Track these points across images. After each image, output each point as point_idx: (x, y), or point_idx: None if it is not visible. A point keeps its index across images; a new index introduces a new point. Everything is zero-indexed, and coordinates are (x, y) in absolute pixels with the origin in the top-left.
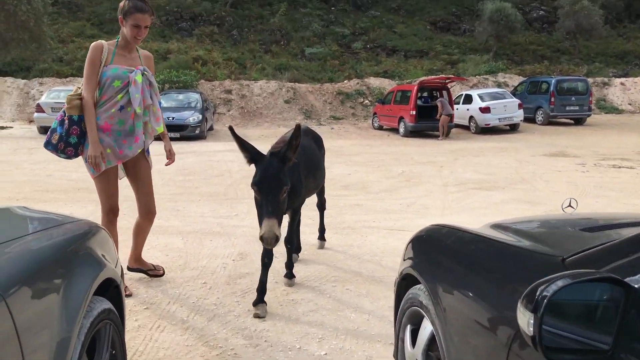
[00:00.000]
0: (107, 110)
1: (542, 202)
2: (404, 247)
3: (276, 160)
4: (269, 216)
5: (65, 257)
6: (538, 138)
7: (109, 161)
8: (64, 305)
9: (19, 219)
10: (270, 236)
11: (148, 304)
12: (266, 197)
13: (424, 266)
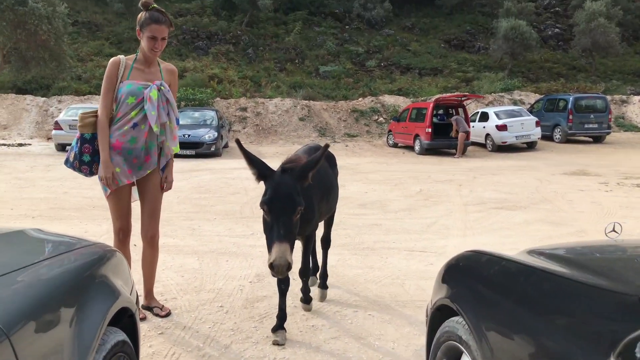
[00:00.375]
0: (120, 127)
1: (567, 223)
2: (437, 274)
3: (289, 178)
4: (280, 240)
5: (77, 287)
6: (557, 156)
7: (119, 180)
8: (75, 340)
9: (29, 244)
10: (281, 263)
11: (163, 329)
12: (277, 218)
13: (463, 298)
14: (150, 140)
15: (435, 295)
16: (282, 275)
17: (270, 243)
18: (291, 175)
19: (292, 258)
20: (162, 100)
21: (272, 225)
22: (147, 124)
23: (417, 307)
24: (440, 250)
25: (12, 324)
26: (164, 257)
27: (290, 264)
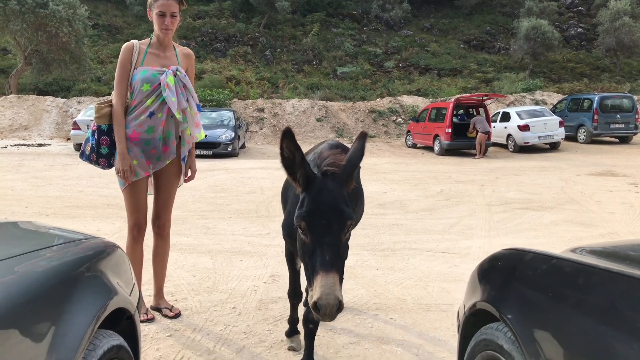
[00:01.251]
0: (136, 117)
1: (598, 224)
2: (471, 274)
3: (334, 182)
4: (327, 269)
5: (64, 282)
6: (581, 157)
7: (136, 173)
8: (56, 342)
9: (17, 237)
10: (330, 302)
11: (172, 331)
12: (321, 239)
13: (505, 302)
14: (167, 130)
15: (469, 298)
16: (330, 318)
17: (313, 273)
18: (335, 179)
19: (342, 294)
20: (179, 86)
21: (314, 248)
22: (165, 112)
23: (441, 310)
24: (464, 251)
25: None
26: (176, 255)
27: (341, 303)
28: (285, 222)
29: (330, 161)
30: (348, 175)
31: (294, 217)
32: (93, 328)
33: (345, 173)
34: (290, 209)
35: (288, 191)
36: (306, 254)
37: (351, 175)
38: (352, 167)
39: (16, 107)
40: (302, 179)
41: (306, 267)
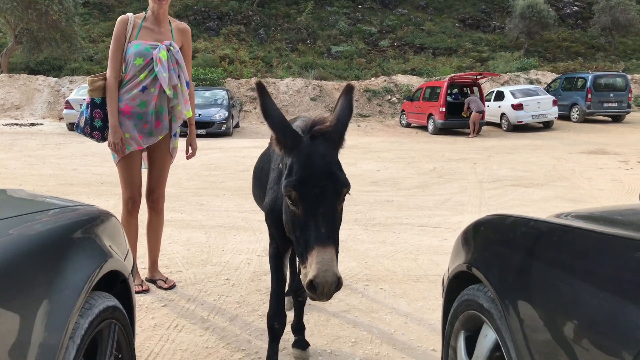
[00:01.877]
0: (129, 90)
1: (587, 200)
2: (455, 241)
3: (325, 145)
4: (323, 243)
5: (58, 244)
6: (574, 136)
7: (128, 146)
8: (51, 301)
9: (6, 200)
10: (328, 279)
11: (166, 301)
12: (314, 209)
13: (486, 263)
14: (160, 105)
15: (452, 262)
16: (328, 297)
17: (307, 249)
18: (326, 140)
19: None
20: (172, 61)
21: (307, 220)
22: (157, 87)
23: (431, 281)
24: (454, 226)
25: None
26: (170, 231)
27: (340, 280)
28: (272, 204)
29: (318, 120)
30: (339, 135)
31: (282, 186)
32: (88, 288)
33: (336, 133)
34: (275, 187)
35: (262, 172)
36: (297, 228)
37: (343, 135)
38: (343, 125)
39: (7, 87)
40: (290, 139)
41: (297, 243)
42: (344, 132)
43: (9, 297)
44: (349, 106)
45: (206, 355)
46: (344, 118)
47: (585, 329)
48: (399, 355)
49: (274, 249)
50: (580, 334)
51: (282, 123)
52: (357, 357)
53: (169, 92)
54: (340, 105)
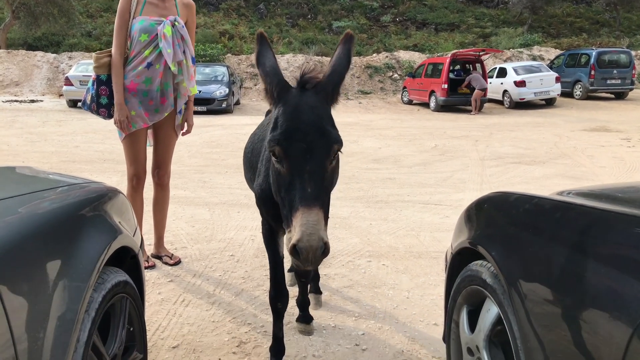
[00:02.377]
0: (134, 67)
1: (588, 178)
2: (458, 218)
3: (316, 98)
4: (309, 204)
5: (71, 222)
6: (576, 113)
7: (134, 124)
8: (68, 276)
9: (19, 178)
10: (313, 244)
11: (172, 277)
12: (301, 167)
13: (489, 240)
14: (165, 81)
15: (456, 239)
16: (314, 264)
17: (291, 211)
18: (318, 92)
19: (327, 234)
20: (176, 37)
21: (292, 179)
22: (162, 63)
23: (432, 257)
24: (456, 203)
25: None
26: (174, 208)
27: (327, 245)
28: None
29: (309, 70)
30: (334, 87)
31: (266, 141)
32: (101, 263)
33: (330, 85)
34: (267, 164)
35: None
36: (282, 188)
37: (337, 88)
38: (338, 77)
39: (6, 63)
40: (277, 88)
41: (282, 204)
42: (339, 84)
43: (28, 273)
44: (347, 57)
45: (213, 329)
46: (340, 69)
47: (587, 305)
48: (401, 329)
49: (267, 229)
50: (582, 309)
51: (272, 72)
52: (361, 331)
53: (174, 69)
54: (337, 56)
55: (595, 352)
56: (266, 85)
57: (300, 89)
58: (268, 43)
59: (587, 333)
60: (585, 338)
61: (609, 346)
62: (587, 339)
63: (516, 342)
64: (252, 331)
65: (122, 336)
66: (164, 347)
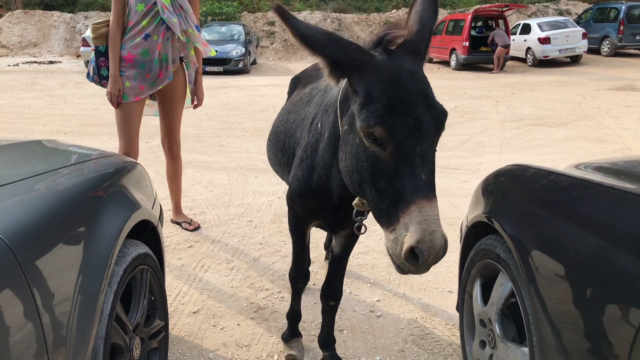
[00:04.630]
0: (132, 38)
1: (611, 140)
2: (474, 190)
3: (410, 60)
4: (428, 194)
5: (92, 197)
6: (603, 71)
7: (125, 95)
8: (90, 251)
9: (43, 154)
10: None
11: (192, 242)
12: (411, 148)
13: (504, 214)
14: (164, 53)
15: (471, 211)
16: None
17: (399, 204)
18: (408, 54)
19: None
20: (176, 6)
21: (398, 164)
22: (161, 34)
23: (448, 224)
24: (474, 167)
25: (15, 234)
26: (192, 172)
27: (446, 243)
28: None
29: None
30: (425, 44)
31: (360, 120)
32: (121, 238)
33: (421, 42)
34: (312, 154)
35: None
36: (382, 177)
37: (428, 44)
38: (428, 32)
39: (24, 23)
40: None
41: (380, 198)
42: (429, 41)
43: (51, 250)
44: (434, 5)
45: (231, 294)
46: (429, 22)
47: (601, 285)
48: (416, 295)
49: (295, 218)
50: (596, 289)
51: (331, 39)
52: (376, 297)
53: (183, 38)
54: (421, 5)
55: (609, 329)
56: (330, 57)
57: (383, 51)
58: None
59: (600, 311)
60: (598, 316)
61: (622, 325)
62: (600, 317)
63: (528, 316)
64: (270, 297)
65: (144, 306)
66: (184, 312)
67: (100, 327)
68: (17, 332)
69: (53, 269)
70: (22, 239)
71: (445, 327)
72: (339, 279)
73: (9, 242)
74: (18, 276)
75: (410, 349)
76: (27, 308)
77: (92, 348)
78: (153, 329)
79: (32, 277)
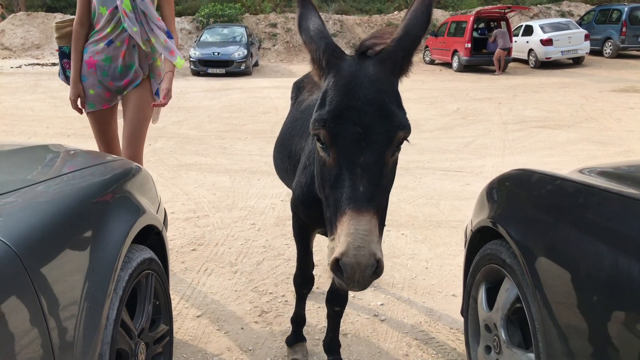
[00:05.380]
0: (96, 42)
1: (615, 143)
2: (479, 194)
3: (379, 68)
4: (360, 207)
5: (98, 203)
6: (605, 72)
7: (91, 104)
8: (96, 257)
9: (49, 159)
10: (362, 261)
11: (195, 245)
12: (353, 157)
13: (510, 220)
14: (130, 62)
15: (476, 216)
16: (361, 285)
17: (337, 214)
18: (382, 61)
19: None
20: (138, 12)
21: (340, 173)
22: (125, 42)
23: (452, 227)
24: (477, 170)
25: (22, 240)
26: (195, 175)
27: (380, 264)
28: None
29: (375, 35)
30: (406, 54)
31: (310, 121)
32: (127, 244)
33: (399, 51)
34: (307, 161)
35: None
36: (327, 183)
37: (409, 55)
38: (412, 41)
39: (26, 25)
40: (326, 55)
41: (326, 204)
42: (412, 50)
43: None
44: (426, 14)
45: (235, 298)
46: (415, 30)
47: (608, 291)
48: (420, 299)
49: (298, 224)
50: (603, 295)
51: (318, 35)
52: (380, 301)
53: (145, 48)
54: (411, 13)
55: (615, 335)
56: (312, 53)
57: (359, 57)
58: (312, 4)
59: (607, 317)
60: (605, 322)
61: (629, 331)
62: (606, 323)
63: (534, 322)
64: (274, 300)
65: (149, 311)
66: (188, 316)
67: (106, 332)
68: (24, 338)
69: (60, 276)
70: (29, 246)
71: (450, 332)
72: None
73: (16, 250)
74: (25, 283)
75: (414, 353)
76: (34, 314)
77: (98, 354)
78: (158, 334)
79: (39, 284)
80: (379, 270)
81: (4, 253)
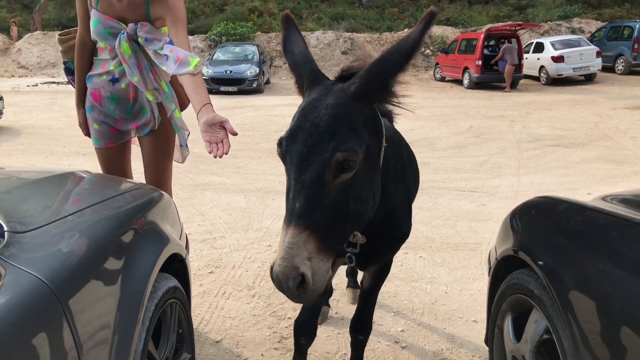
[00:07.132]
0: (100, 74)
1: (631, 162)
2: (503, 221)
3: (341, 92)
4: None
5: (126, 233)
6: (618, 89)
7: (95, 139)
8: (126, 290)
9: (78, 189)
10: (284, 272)
11: (213, 268)
12: (296, 175)
13: (537, 250)
14: (141, 105)
15: (501, 244)
16: (290, 295)
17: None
18: (349, 86)
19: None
20: (140, 56)
21: (290, 188)
22: (131, 86)
23: (470, 250)
24: (492, 190)
25: (58, 278)
26: (211, 195)
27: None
28: None
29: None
30: (376, 79)
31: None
32: (154, 275)
33: (369, 75)
34: None
35: None
36: (285, 196)
37: (383, 80)
38: (387, 66)
39: (42, 44)
40: (307, 80)
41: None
42: (386, 75)
43: (90, 289)
44: (413, 40)
45: (254, 323)
46: (395, 56)
47: None
48: (440, 326)
49: None
50: (638, 331)
51: (302, 60)
52: (400, 327)
53: (152, 98)
54: (403, 38)
55: None
56: (296, 77)
57: (336, 82)
58: (295, 25)
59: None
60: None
61: None
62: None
63: (566, 356)
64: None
65: (173, 339)
66: (207, 341)
67: None
68: None
69: (91, 309)
70: (64, 281)
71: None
72: (368, 314)
73: (52, 286)
74: (60, 319)
75: None
76: (69, 349)
77: None
78: None
79: (73, 318)
80: (306, 285)
81: (40, 289)
